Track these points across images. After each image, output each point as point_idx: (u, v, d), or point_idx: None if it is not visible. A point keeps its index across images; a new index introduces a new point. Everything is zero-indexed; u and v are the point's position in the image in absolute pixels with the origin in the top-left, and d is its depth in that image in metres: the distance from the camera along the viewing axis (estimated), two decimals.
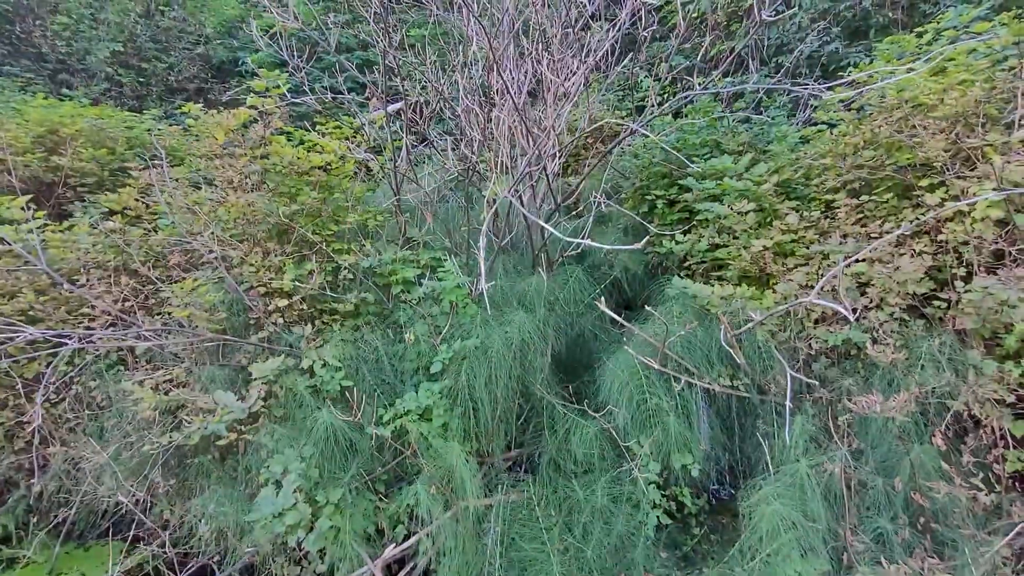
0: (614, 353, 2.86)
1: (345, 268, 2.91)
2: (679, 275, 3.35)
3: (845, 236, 2.64)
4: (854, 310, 2.39)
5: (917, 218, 2.41)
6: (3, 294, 2.65)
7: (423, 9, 3.48)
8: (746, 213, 2.91)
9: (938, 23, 3.13)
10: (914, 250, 2.42)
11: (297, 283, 2.71)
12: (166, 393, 2.34)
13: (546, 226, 2.46)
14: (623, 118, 5.30)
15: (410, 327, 2.72)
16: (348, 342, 2.70)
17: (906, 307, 2.42)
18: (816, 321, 2.62)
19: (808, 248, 2.71)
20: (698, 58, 5.13)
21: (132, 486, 2.37)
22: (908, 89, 2.61)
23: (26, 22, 6.22)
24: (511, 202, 2.75)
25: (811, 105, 3.27)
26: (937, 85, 2.56)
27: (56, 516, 2.67)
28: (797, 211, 2.92)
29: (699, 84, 4.99)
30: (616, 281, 3.61)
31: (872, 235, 2.54)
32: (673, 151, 3.17)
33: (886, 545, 2.16)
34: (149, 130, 4.36)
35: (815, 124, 3.47)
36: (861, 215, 2.75)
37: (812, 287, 2.65)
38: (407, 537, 2.39)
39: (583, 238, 2.97)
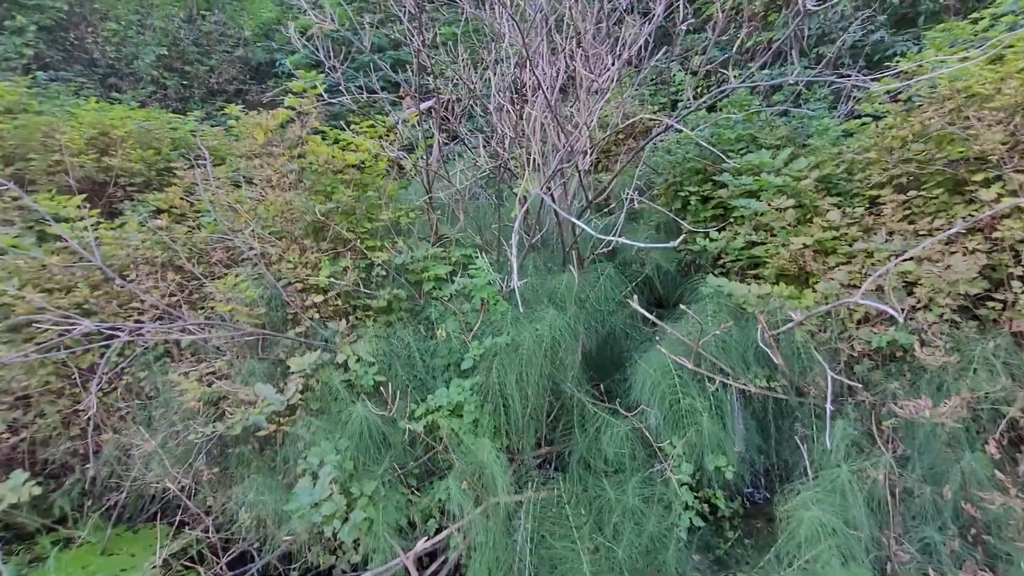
0: (646, 352, 2.82)
1: (378, 265, 2.96)
2: (713, 273, 3.28)
3: (891, 233, 2.53)
4: (901, 311, 2.29)
5: (970, 214, 2.29)
6: (61, 288, 2.80)
7: (455, 7, 3.50)
8: (785, 210, 2.82)
9: (996, 7, 2.96)
10: (967, 248, 2.30)
11: (332, 279, 2.77)
12: (209, 385, 2.43)
13: (578, 223, 2.44)
14: (656, 112, 5.21)
15: (441, 323, 2.74)
16: (381, 338, 2.74)
17: (957, 308, 2.31)
18: (859, 321, 2.52)
19: (851, 246, 2.60)
20: (734, 50, 4.99)
21: (178, 473, 2.47)
22: (962, 79, 2.48)
23: (79, 29, 6.53)
24: (542, 199, 2.74)
25: (855, 97, 3.13)
26: (994, 74, 2.43)
27: (108, 500, 2.81)
28: (839, 207, 2.81)
29: (735, 77, 4.85)
30: (648, 279, 3.56)
31: (920, 232, 2.43)
32: (708, 146, 3.09)
33: (933, 556, 2.07)
34: (193, 131, 4.52)
35: (858, 117, 3.33)
36: (908, 211, 2.63)
37: (855, 286, 2.55)
38: (438, 531, 2.42)
39: (615, 236, 2.94)
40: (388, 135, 3.25)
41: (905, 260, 2.33)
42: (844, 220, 2.71)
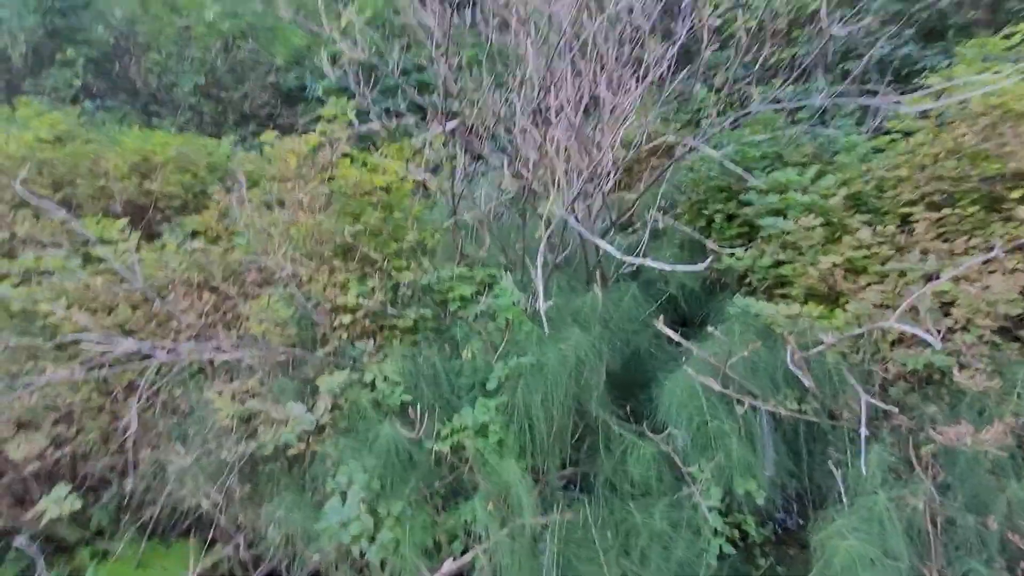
0: (672, 372, 2.79)
1: (405, 285, 3.01)
2: (739, 291, 3.24)
3: (925, 252, 2.47)
4: (937, 332, 2.22)
5: (1008, 233, 2.23)
6: (104, 308, 2.92)
7: (479, 31, 3.59)
8: (813, 228, 2.78)
9: None
10: (1006, 267, 2.24)
11: (360, 299, 2.83)
12: (242, 403, 2.49)
13: (602, 243, 2.45)
14: (678, 130, 5.20)
15: (466, 343, 2.77)
16: (407, 357, 2.78)
17: (997, 329, 2.23)
18: (893, 343, 2.46)
19: (883, 265, 2.55)
20: (756, 67, 4.98)
21: (211, 489, 2.53)
22: (996, 95, 2.43)
23: (124, 61, 6.89)
24: (566, 220, 2.77)
25: (885, 116, 3.10)
26: None
27: (143, 514, 2.88)
28: (870, 225, 2.76)
29: (759, 94, 4.82)
30: (672, 298, 3.53)
31: (956, 252, 2.36)
32: (732, 166, 3.08)
33: None
34: (228, 155, 4.70)
35: (887, 133, 3.28)
36: (943, 229, 2.56)
37: (888, 306, 2.49)
38: (464, 552, 2.41)
39: (639, 255, 2.94)
40: (415, 157, 3.34)
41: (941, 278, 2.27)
42: (875, 238, 2.66)
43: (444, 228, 3.32)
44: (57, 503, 2.54)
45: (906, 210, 2.73)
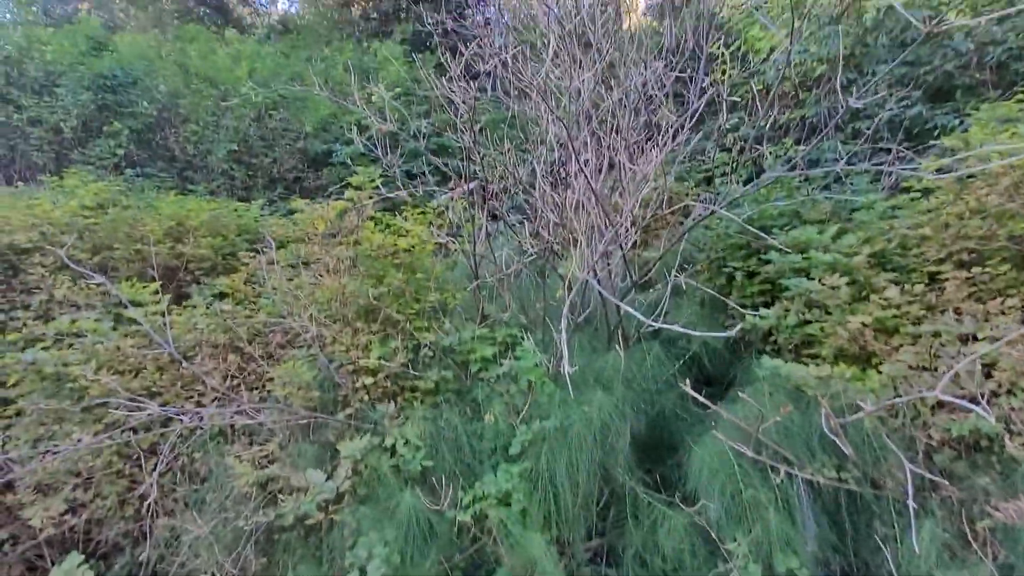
0: (700, 436, 2.69)
1: (426, 346, 3.01)
2: (764, 351, 3.17)
3: (959, 312, 2.41)
4: (981, 395, 2.12)
5: None
6: (131, 370, 2.96)
7: (499, 100, 3.78)
8: (838, 287, 2.74)
9: None
10: None
11: (382, 361, 2.83)
12: (262, 468, 2.45)
13: (624, 306, 2.44)
14: (693, 187, 5.30)
15: (488, 406, 2.72)
16: (428, 420, 2.74)
17: None
18: (934, 407, 2.35)
19: (916, 325, 2.49)
20: (766, 127, 5.10)
21: (225, 560, 2.44)
22: (1015, 155, 2.44)
23: (164, 131, 7.36)
24: (587, 280, 2.78)
25: (900, 175, 3.12)
26: None
27: None
28: (897, 284, 2.72)
29: (771, 154, 4.91)
30: (695, 356, 3.46)
31: (991, 312, 2.30)
32: (749, 226, 3.10)
33: None
34: (256, 219, 4.88)
35: (906, 191, 3.30)
36: (974, 289, 2.51)
37: (925, 368, 2.41)
38: None
39: (662, 315, 2.92)
40: (437, 219, 3.43)
41: (977, 339, 2.20)
42: (904, 297, 2.61)
43: (465, 289, 3.35)
44: (69, 573, 2.47)
45: (933, 269, 2.69)
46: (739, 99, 4.95)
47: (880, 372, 2.47)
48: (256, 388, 3.02)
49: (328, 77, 8.58)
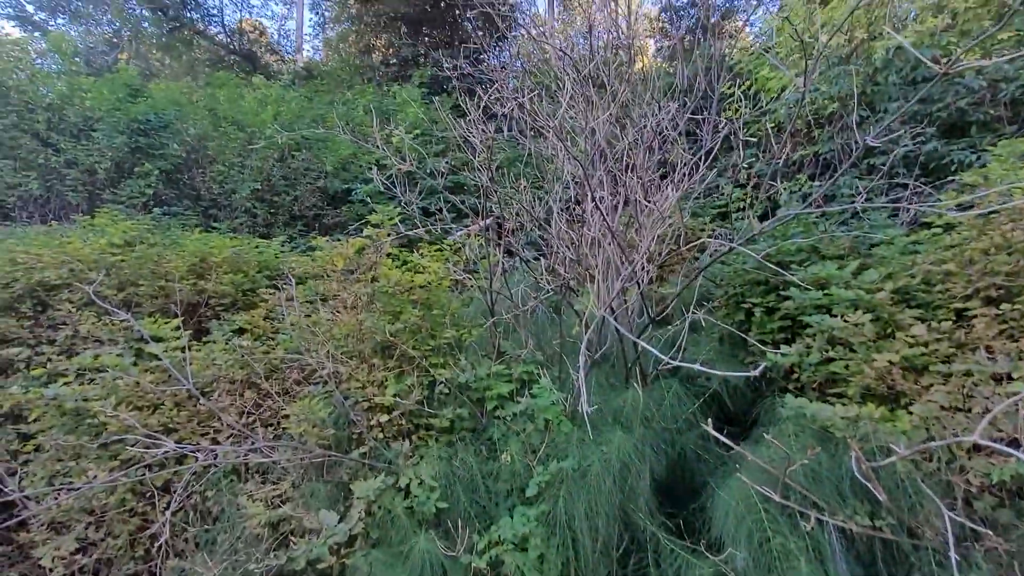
0: (724, 479, 2.59)
1: (441, 383, 2.99)
2: (787, 389, 3.08)
3: (990, 350, 2.33)
4: (1020, 440, 2.03)
5: None
6: (149, 406, 2.97)
7: (514, 139, 3.87)
8: (862, 324, 2.68)
9: None
10: None
11: (397, 398, 2.80)
12: (275, 508, 2.41)
13: (643, 344, 2.40)
14: (708, 223, 5.30)
15: (504, 445, 2.66)
16: (443, 459, 2.68)
17: None
18: (970, 450, 2.24)
19: (946, 364, 2.40)
20: (779, 163, 5.12)
21: None
22: None
23: (192, 172, 7.64)
24: (604, 317, 2.75)
25: (919, 210, 3.09)
26: None
27: None
28: (923, 321, 2.65)
29: (786, 190, 4.92)
30: (715, 395, 3.37)
31: None
32: (767, 262, 3.07)
33: None
34: (277, 255, 4.98)
35: (927, 226, 3.25)
36: (1005, 326, 2.43)
37: (958, 409, 2.31)
38: None
39: (680, 352, 2.87)
40: (454, 256, 3.46)
41: (1013, 381, 2.11)
42: (931, 335, 2.53)
43: (481, 325, 3.34)
44: None
45: (960, 305, 2.62)
46: (752, 137, 5.01)
47: (911, 413, 2.38)
48: (271, 425, 3.01)
49: (349, 119, 8.92)
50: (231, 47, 18.33)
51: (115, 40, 16.76)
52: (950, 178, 4.39)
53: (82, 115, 7.33)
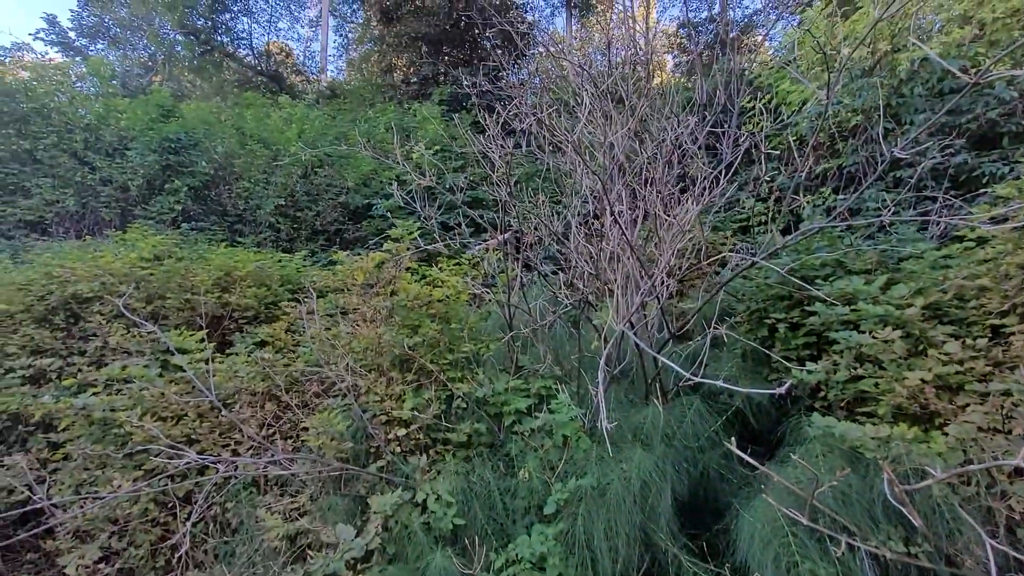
0: (749, 500, 2.51)
1: (459, 397, 2.97)
2: (813, 407, 2.99)
3: None
4: None
5: None
6: (173, 417, 3.02)
7: (533, 154, 3.89)
8: (892, 341, 2.59)
9: None
10: None
11: (415, 412, 2.80)
12: (293, 521, 2.41)
13: (664, 360, 2.36)
14: (729, 237, 5.23)
15: (522, 462, 2.63)
16: (460, 474, 2.66)
17: None
18: (1011, 474, 2.13)
19: (983, 383, 2.30)
20: (802, 176, 5.04)
21: None
22: None
23: (219, 188, 7.86)
24: (623, 332, 2.72)
25: (948, 224, 3.00)
26: None
27: None
28: (956, 338, 2.55)
29: (809, 203, 4.83)
30: (738, 412, 3.29)
31: None
32: (792, 277, 3.01)
33: None
34: (299, 269, 5.07)
35: (959, 240, 3.15)
36: None
37: (996, 430, 2.21)
38: None
39: (702, 368, 2.81)
40: (472, 270, 3.47)
41: None
42: (966, 352, 2.44)
43: (499, 339, 3.33)
44: None
45: (996, 322, 2.52)
46: (774, 150, 4.95)
47: (946, 434, 2.28)
48: (290, 437, 3.03)
49: (370, 136, 9.10)
50: (259, 68, 18.98)
51: (150, 63, 17.50)
52: (981, 191, 4.26)
53: (117, 135, 7.63)
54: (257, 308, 4.37)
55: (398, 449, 2.74)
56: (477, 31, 13.71)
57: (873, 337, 2.63)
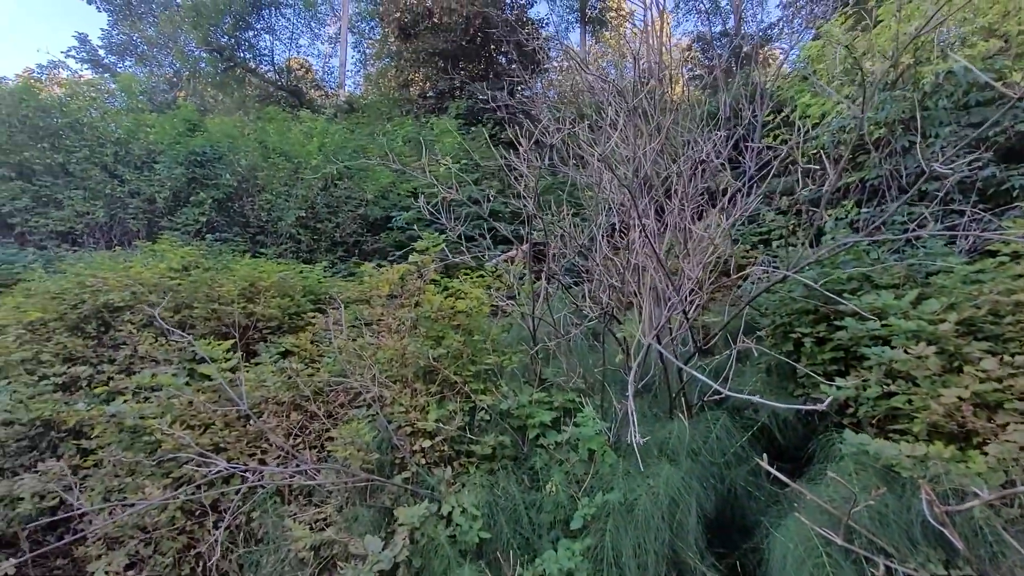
0: (778, 519, 2.46)
1: (483, 409, 2.97)
2: (842, 424, 2.93)
3: None
4: None
5: None
6: (201, 425, 3.05)
7: (554, 166, 3.91)
8: (926, 357, 2.54)
9: None
10: None
11: (439, 424, 2.80)
12: (319, 531, 2.41)
13: (691, 371, 2.34)
14: (748, 250, 5.19)
15: (548, 475, 2.61)
16: (485, 487, 2.65)
17: None
18: None
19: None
20: (827, 190, 4.98)
21: None
22: None
23: (242, 200, 8.02)
24: (648, 344, 2.70)
25: (980, 241, 2.95)
26: None
27: None
28: (993, 354, 2.49)
29: (829, 216, 4.78)
30: (765, 428, 3.23)
31: None
32: (824, 291, 2.97)
33: None
34: (320, 280, 5.13)
35: (991, 254, 3.09)
36: None
37: None
38: None
39: (728, 382, 2.78)
40: (495, 282, 3.48)
41: None
42: (1004, 369, 2.38)
43: (522, 351, 3.33)
44: None
45: None
46: (795, 164, 4.92)
47: (985, 453, 2.22)
48: (316, 447, 3.04)
49: (389, 149, 9.23)
50: (279, 84, 19.42)
51: (175, 79, 18.00)
52: (1011, 205, 4.18)
53: (146, 148, 7.84)
54: (281, 318, 4.42)
55: (423, 461, 2.74)
56: (493, 47, 13.91)
57: (906, 353, 2.58)
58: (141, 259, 4.62)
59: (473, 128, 11.26)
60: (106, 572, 2.81)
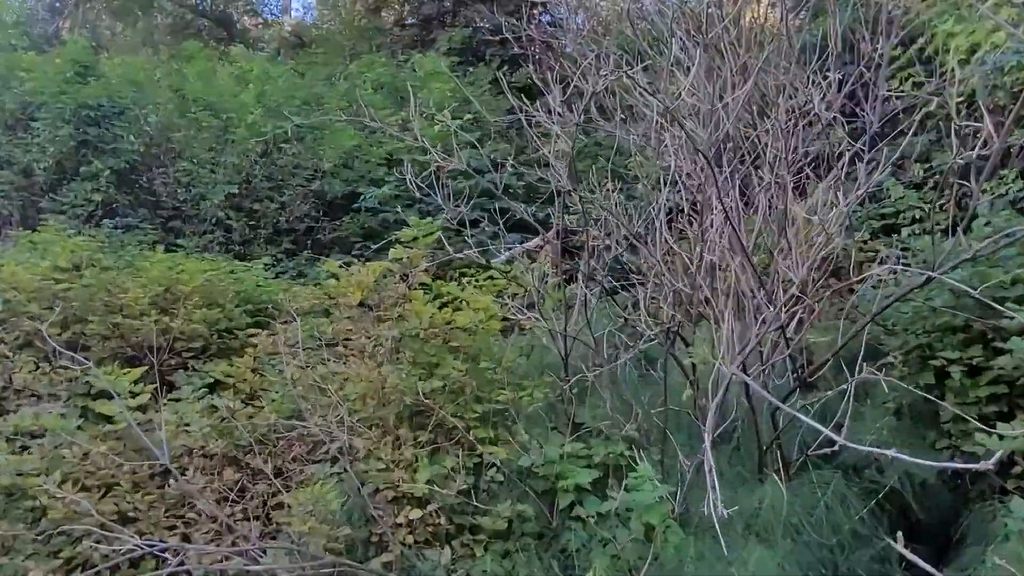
0: None
1: (493, 466, 2.99)
2: (1004, 488, 2.93)
3: None
4: None
5: None
6: (100, 486, 3.08)
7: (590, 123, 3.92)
8: None
9: None
10: None
11: (433, 486, 2.82)
12: None
13: (793, 412, 2.34)
14: (868, 240, 5.18)
15: (587, 561, 2.63)
16: None
17: None
18: None
19: None
20: (974, 154, 4.95)
21: None
22: None
23: (151, 172, 8.11)
24: (729, 375, 2.70)
25: None
26: None
27: None
28: None
29: (984, 192, 4.76)
30: (894, 494, 3.23)
31: None
32: (974, 294, 2.96)
33: None
34: (259, 284, 5.17)
35: None
36: None
37: None
38: None
39: (843, 428, 2.77)
40: (509, 286, 3.50)
41: None
42: None
43: (548, 383, 3.34)
44: None
45: None
46: (932, 116, 4.89)
47: None
48: (260, 517, 3.06)
49: (353, 100, 9.30)
50: (200, 8, 19.66)
51: (58, 4, 18.28)
52: None
53: (19, 101, 7.96)
54: (207, 337, 4.46)
55: (410, 539, 2.76)
56: None
57: None
58: (15, 255, 4.69)
59: (472, 69, 11.29)
60: None
